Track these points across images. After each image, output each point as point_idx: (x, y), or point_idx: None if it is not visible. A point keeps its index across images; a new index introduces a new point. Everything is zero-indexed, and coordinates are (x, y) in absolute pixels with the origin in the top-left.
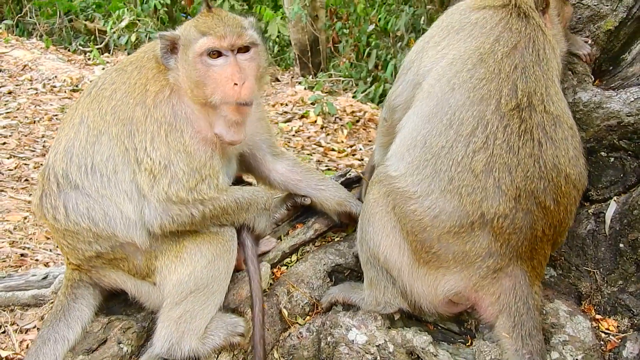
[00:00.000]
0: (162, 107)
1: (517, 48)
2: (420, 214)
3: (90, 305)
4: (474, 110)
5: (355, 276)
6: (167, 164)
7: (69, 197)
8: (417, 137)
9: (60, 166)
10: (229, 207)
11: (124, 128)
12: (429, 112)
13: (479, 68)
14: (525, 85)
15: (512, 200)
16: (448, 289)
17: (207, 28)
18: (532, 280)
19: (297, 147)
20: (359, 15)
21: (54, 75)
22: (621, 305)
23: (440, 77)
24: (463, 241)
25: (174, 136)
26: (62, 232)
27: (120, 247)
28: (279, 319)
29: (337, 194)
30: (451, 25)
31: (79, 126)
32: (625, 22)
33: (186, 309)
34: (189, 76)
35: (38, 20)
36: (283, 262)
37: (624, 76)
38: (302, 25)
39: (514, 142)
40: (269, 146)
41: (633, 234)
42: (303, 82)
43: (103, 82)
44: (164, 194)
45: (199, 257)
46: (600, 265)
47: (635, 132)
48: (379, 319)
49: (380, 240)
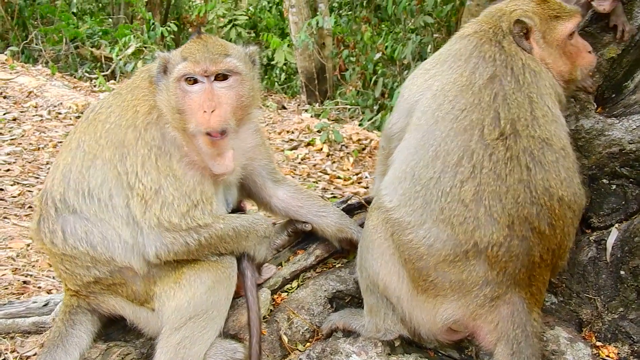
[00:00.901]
0: (152, 130)
1: (494, 77)
2: (416, 242)
3: (89, 331)
4: (458, 140)
5: (356, 302)
6: (158, 189)
7: (66, 221)
8: (406, 169)
9: (58, 191)
10: (226, 235)
11: (117, 151)
12: (416, 144)
13: (460, 99)
14: (508, 113)
15: (506, 228)
16: (446, 317)
17: (187, 53)
18: (530, 307)
19: (302, 175)
20: (365, 43)
21: (60, 102)
22: (622, 332)
23: (425, 109)
24: (459, 270)
25: (162, 160)
26: (60, 257)
27: (118, 272)
28: (279, 345)
29: (339, 220)
30: (440, 55)
31: (76, 151)
32: (628, 50)
33: (185, 335)
34: (168, 100)
35: (44, 47)
36: (284, 288)
37: (626, 104)
38: (309, 53)
39: (501, 169)
40: (269, 172)
41: (634, 261)
42: (309, 109)
43: (100, 106)
44: (155, 220)
45: (199, 283)
46: (601, 292)
47: (637, 159)
48: (379, 345)
49: (379, 268)
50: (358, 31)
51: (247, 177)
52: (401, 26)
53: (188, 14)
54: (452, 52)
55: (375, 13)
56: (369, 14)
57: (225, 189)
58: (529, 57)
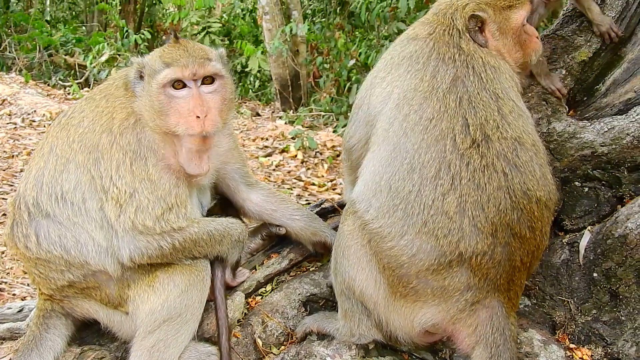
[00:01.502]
0: (127, 135)
1: (457, 80)
2: (397, 251)
3: (63, 335)
4: (432, 152)
5: (330, 306)
6: (132, 192)
7: (40, 225)
8: (381, 182)
9: (31, 195)
10: (200, 239)
11: (90, 156)
12: (387, 156)
13: (426, 107)
14: (475, 118)
15: (490, 237)
16: (425, 321)
17: (171, 59)
18: (508, 312)
19: (277, 182)
20: (339, 50)
21: (33, 110)
22: (595, 335)
23: (392, 120)
24: (442, 277)
25: (138, 164)
26: (34, 261)
27: (92, 276)
28: (253, 348)
29: (312, 223)
30: (392, 58)
31: (48, 155)
32: (599, 53)
33: (159, 338)
34: (151, 106)
35: (17, 55)
36: (258, 291)
37: (597, 106)
38: (283, 60)
39: (479, 178)
40: (242, 176)
41: (607, 263)
42: (284, 116)
43: (72, 111)
44: (130, 223)
45: (172, 287)
46: (575, 295)
47: (609, 162)
48: (354, 348)
49: (355, 274)
50: (332, 38)
51: (220, 180)
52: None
53: (162, 22)
54: (406, 54)
55: (349, 20)
56: (342, 21)
57: (199, 192)
58: (487, 53)
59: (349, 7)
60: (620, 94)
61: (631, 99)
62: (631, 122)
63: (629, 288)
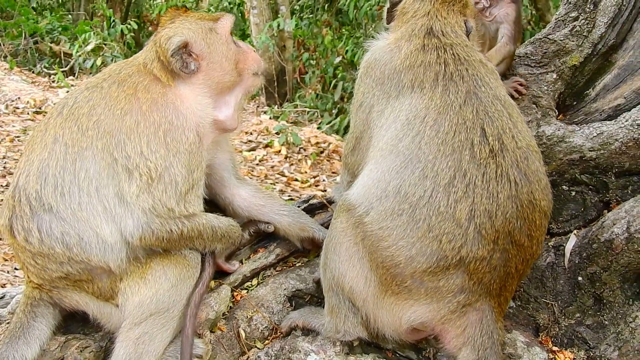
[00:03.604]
0: (162, 110)
1: (469, 93)
2: (394, 251)
3: (50, 324)
4: (448, 161)
5: (316, 302)
6: (168, 166)
7: (42, 220)
8: (388, 188)
9: (34, 188)
10: (204, 231)
11: (112, 140)
12: (398, 166)
13: (442, 122)
14: (493, 128)
15: (491, 243)
16: (414, 318)
17: (211, 16)
18: (497, 316)
19: (260, 176)
20: (326, 46)
21: (17, 97)
22: (578, 338)
23: (401, 136)
24: (437, 278)
25: (173, 135)
26: (34, 254)
27: (89, 270)
28: (237, 342)
29: (300, 219)
30: (386, 92)
31: (54, 145)
32: (590, 58)
33: (145, 330)
34: (227, 61)
35: (3, 41)
36: (244, 285)
37: (587, 111)
38: (269, 55)
39: (493, 187)
40: (234, 167)
41: (592, 267)
42: (268, 111)
43: (75, 101)
44: (150, 202)
45: (164, 280)
46: (559, 298)
47: (596, 166)
48: (338, 344)
49: (345, 271)
50: (319, 34)
51: (214, 171)
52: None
53: (148, 13)
54: (405, 83)
55: (337, 17)
56: (330, 18)
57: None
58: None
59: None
60: (609, 99)
61: (620, 105)
62: (620, 127)
63: (613, 293)
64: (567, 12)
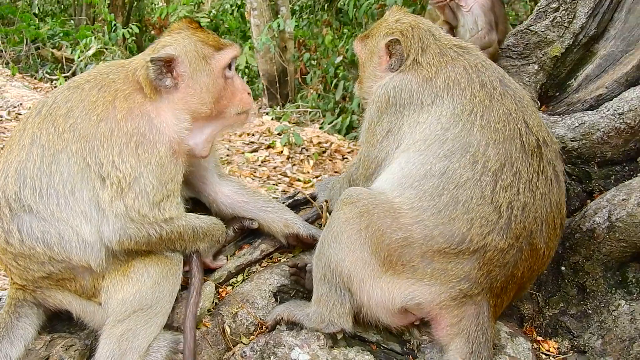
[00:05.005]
0: (136, 120)
1: (503, 85)
2: (414, 230)
3: (34, 324)
4: (499, 148)
5: (301, 297)
6: (137, 176)
7: (22, 221)
8: (432, 169)
9: (13, 190)
10: (185, 233)
11: (87, 144)
12: (446, 151)
13: (490, 112)
14: (532, 120)
15: (514, 238)
16: (411, 297)
17: (217, 42)
18: (492, 317)
19: (262, 177)
20: (326, 46)
21: (19, 103)
22: (562, 327)
23: (448, 126)
24: (448, 260)
25: (145, 147)
26: (15, 255)
27: (70, 269)
28: (222, 338)
29: (284, 215)
30: (417, 105)
31: (31, 147)
32: (572, 49)
33: (129, 327)
34: (207, 93)
35: (4, 48)
36: (229, 282)
37: (569, 102)
38: (271, 56)
39: (534, 181)
40: (215, 166)
41: (575, 257)
42: (270, 112)
43: (54, 101)
44: (123, 208)
45: (146, 277)
46: (543, 288)
47: (579, 157)
48: (322, 338)
49: (345, 256)
50: (319, 34)
51: (195, 170)
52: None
53: (150, 17)
54: (437, 93)
55: (337, 16)
56: (330, 18)
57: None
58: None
59: (336, 3)
60: (591, 89)
61: (602, 94)
62: (601, 117)
63: (596, 282)
64: (548, 3)
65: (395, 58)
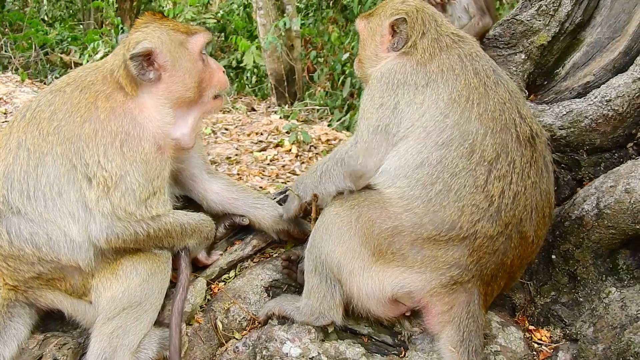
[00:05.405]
0: (119, 119)
1: (496, 73)
2: (403, 218)
3: (27, 323)
4: (496, 138)
5: (293, 291)
6: (123, 175)
7: (11, 223)
8: (429, 157)
9: (1, 193)
10: (173, 230)
11: (72, 146)
12: (445, 139)
13: (487, 100)
14: (525, 111)
15: (503, 225)
16: (402, 285)
17: (187, 29)
18: (482, 305)
19: (271, 176)
20: (333, 44)
21: None
22: (554, 316)
23: (447, 112)
24: (437, 247)
25: (130, 145)
26: (5, 256)
27: (60, 269)
28: (215, 334)
29: (275, 211)
30: (411, 85)
31: (17, 150)
32: (558, 37)
33: (119, 325)
34: (190, 77)
35: (13, 54)
36: (221, 278)
37: (557, 90)
38: (278, 55)
39: (527, 171)
40: (204, 163)
41: (565, 245)
42: (279, 111)
43: (38, 104)
44: (109, 207)
45: (134, 275)
46: (534, 277)
47: (567, 145)
48: (313, 331)
49: (335, 247)
50: (325, 32)
51: (184, 168)
52: None
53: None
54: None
55: (342, 13)
56: (335, 15)
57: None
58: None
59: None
60: (579, 77)
61: (590, 82)
62: (589, 105)
63: (586, 269)
64: None
65: (399, 37)
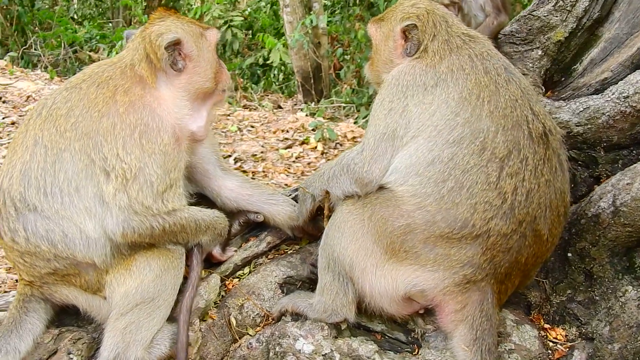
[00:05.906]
0: (139, 112)
1: (507, 71)
2: (416, 216)
3: (42, 318)
4: (508, 135)
5: (307, 288)
6: (142, 167)
7: (27, 220)
8: (441, 155)
9: (18, 190)
10: (188, 225)
11: (90, 141)
12: (456, 137)
13: (497, 98)
14: (538, 107)
15: (517, 223)
16: (415, 283)
17: (199, 24)
18: (495, 303)
19: (297, 173)
20: (359, 41)
21: None
22: (569, 315)
23: (458, 110)
24: (450, 245)
25: (149, 137)
26: (22, 253)
27: (75, 265)
28: (228, 330)
29: (289, 208)
30: (420, 86)
31: (34, 148)
32: (576, 33)
33: (132, 320)
34: (210, 68)
35: (43, 52)
36: (235, 274)
37: (575, 87)
38: (304, 52)
39: (540, 168)
40: (218, 159)
41: (581, 243)
42: (305, 108)
43: (53, 102)
44: (126, 201)
45: (148, 270)
46: (550, 275)
47: (584, 142)
48: (326, 328)
49: (348, 244)
50: (352, 29)
51: (198, 164)
52: None
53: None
54: (440, 76)
55: (369, 11)
56: (362, 12)
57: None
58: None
59: None
60: (597, 73)
61: (607, 78)
62: (607, 101)
63: (602, 268)
64: None
65: (412, 43)
